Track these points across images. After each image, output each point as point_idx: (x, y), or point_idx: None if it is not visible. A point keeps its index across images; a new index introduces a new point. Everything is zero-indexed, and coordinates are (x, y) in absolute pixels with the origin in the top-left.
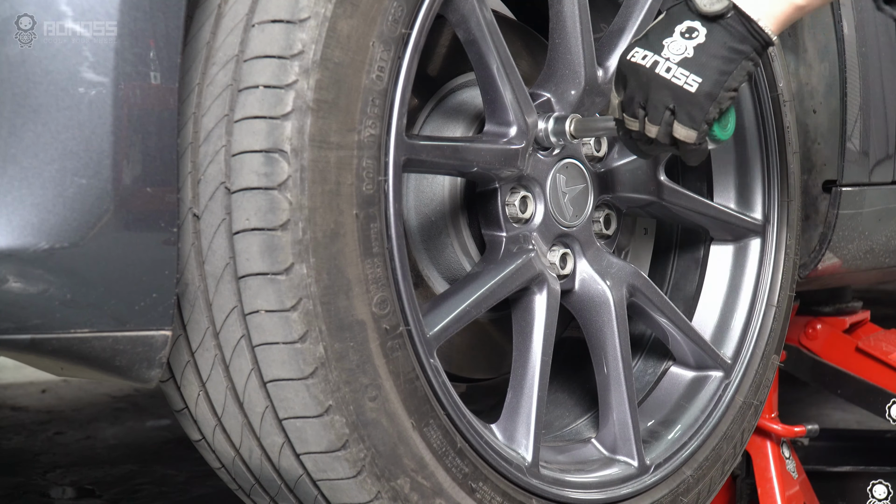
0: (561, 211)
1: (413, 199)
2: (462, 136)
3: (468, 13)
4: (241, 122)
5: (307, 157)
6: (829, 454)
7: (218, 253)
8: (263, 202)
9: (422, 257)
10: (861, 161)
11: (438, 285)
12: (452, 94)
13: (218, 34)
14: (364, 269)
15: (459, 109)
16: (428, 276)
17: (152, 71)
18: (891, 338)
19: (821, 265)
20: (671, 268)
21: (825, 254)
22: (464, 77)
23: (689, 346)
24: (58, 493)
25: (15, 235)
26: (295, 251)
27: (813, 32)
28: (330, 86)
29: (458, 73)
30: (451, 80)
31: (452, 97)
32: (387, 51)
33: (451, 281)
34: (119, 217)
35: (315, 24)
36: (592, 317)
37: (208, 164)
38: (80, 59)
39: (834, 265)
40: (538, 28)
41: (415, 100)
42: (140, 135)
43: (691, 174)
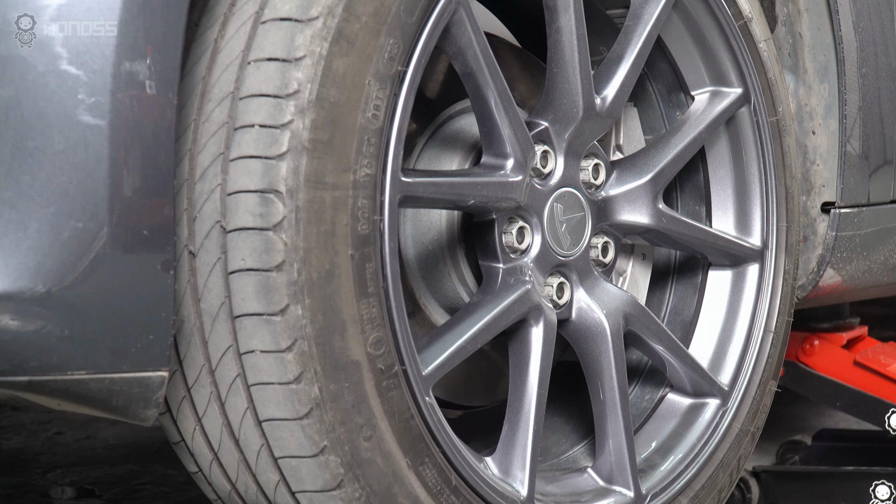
0: (558, 240)
1: (410, 228)
2: (459, 168)
3: (465, 46)
4: (237, 161)
5: (302, 197)
6: (831, 455)
7: (214, 291)
8: (259, 243)
9: (419, 286)
10: (860, 182)
11: (436, 313)
12: (450, 121)
13: (214, 70)
14: (359, 310)
15: (457, 137)
16: (425, 304)
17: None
18: (889, 350)
19: (819, 286)
20: (669, 292)
21: (823, 275)
22: (461, 103)
23: (686, 373)
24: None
25: (12, 278)
26: (290, 292)
27: (813, 53)
28: (325, 125)
29: (455, 99)
30: (449, 107)
31: (450, 124)
32: (382, 89)
33: (449, 309)
34: (115, 260)
35: (311, 63)
36: (589, 346)
37: (204, 202)
38: (76, 101)
39: (832, 285)
40: (541, 48)
41: (413, 125)
42: (136, 177)
43: (690, 198)
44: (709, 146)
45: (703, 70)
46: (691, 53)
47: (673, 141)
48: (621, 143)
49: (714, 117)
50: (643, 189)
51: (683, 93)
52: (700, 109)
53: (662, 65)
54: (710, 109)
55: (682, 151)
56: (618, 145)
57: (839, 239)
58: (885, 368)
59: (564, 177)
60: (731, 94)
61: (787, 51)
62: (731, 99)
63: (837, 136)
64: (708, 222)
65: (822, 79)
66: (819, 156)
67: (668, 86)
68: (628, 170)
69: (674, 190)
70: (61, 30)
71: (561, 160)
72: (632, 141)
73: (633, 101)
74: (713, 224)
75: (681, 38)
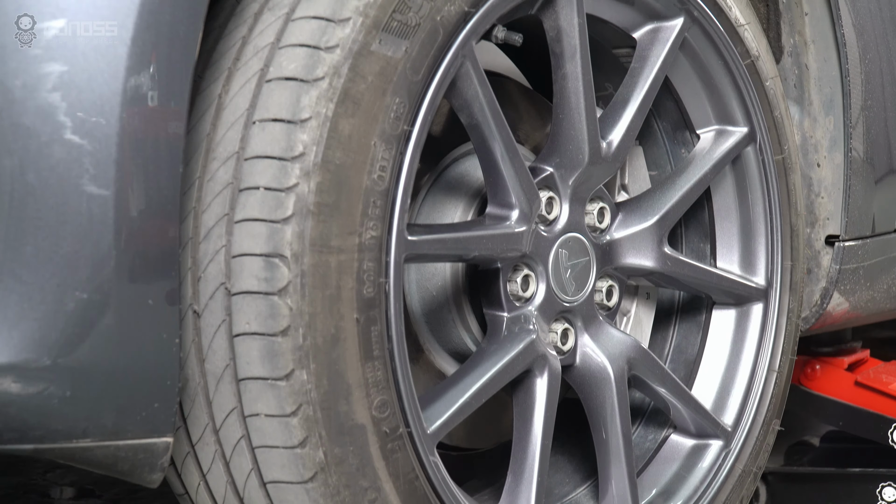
0: (563, 287)
1: (414, 274)
2: (462, 216)
3: (471, 99)
4: (242, 223)
5: (308, 262)
6: (837, 456)
7: (218, 353)
8: (264, 307)
9: (422, 330)
10: (865, 215)
11: (439, 358)
12: (454, 164)
13: (218, 127)
14: (364, 373)
15: (461, 181)
16: (429, 349)
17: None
18: (890, 369)
19: (822, 318)
20: (673, 330)
21: (827, 307)
22: (465, 146)
23: (690, 415)
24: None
25: (17, 349)
26: (295, 357)
27: (819, 85)
28: (331, 188)
29: (459, 142)
30: (453, 151)
31: (454, 167)
32: (388, 149)
33: (453, 353)
34: (120, 331)
35: (316, 125)
36: (593, 391)
37: (208, 263)
38: (81, 171)
39: (836, 316)
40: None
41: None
42: (141, 249)
43: (694, 235)
44: (714, 184)
45: (708, 109)
46: (697, 92)
47: (678, 182)
48: (626, 182)
49: (719, 158)
50: (648, 232)
51: (689, 131)
52: (705, 149)
53: (668, 103)
54: (716, 149)
55: (687, 193)
56: (623, 185)
57: (843, 272)
58: (887, 387)
59: (569, 222)
60: (736, 133)
61: (793, 82)
62: (737, 138)
63: (843, 169)
64: (712, 260)
65: (827, 111)
66: (824, 188)
67: (673, 123)
68: (633, 212)
69: (679, 227)
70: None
71: (566, 206)
72: (637, 180)
73: (639, 139)
74: (718, 262)
75: (687, 77)
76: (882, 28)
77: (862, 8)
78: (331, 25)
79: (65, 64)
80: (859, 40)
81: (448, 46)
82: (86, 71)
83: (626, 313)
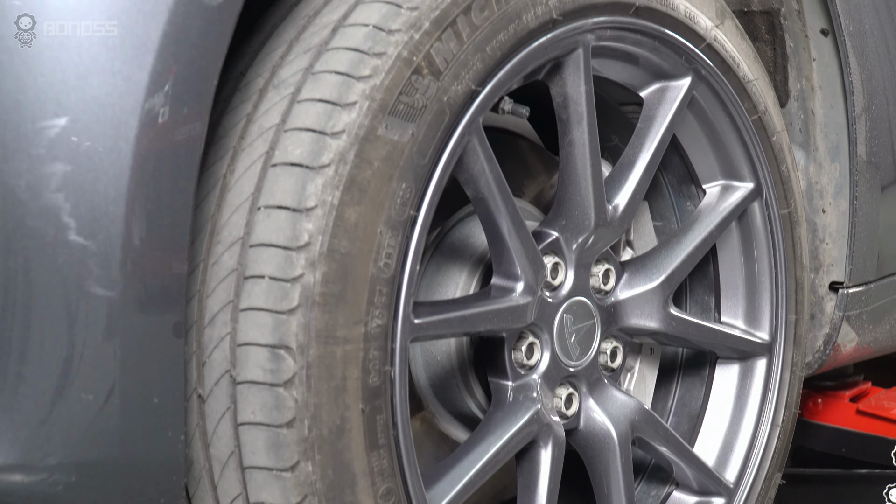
0: (567, 352)
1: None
2: (465, 286)
3: (478, 174)
4: (247, 311)
5: (313, 353)
6: (845, 457)
7: (223, 440)
8: (269, 399)
9: (426, 394)
10: (869, 260)
11: (443, 420)
12: (458, 225)
13: (223, 209)
14: (370, 462)
15: (464, 244)
16: (433, 412)
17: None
18: (892, 395)
19: (826, 363)
20: (676, 383)
21: (830, 353)
22: (468, 207)
23: (692, 473)
24: None
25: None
26: (300, 449)
27: (825, 132)
28: (337, 278)
29: (461, 204)
30: (456, 213)
31: (457, 229)
32: (395, 236)
33: (455, 413)
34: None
35: (322, 214)
36: (596, 455)
37: (213, 349)
38: (86, 271)
39: (839, 359)
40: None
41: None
42: (146, 354)
43: (699, 287)
44: (720, 237)
45: (714, 164)
46: (703, 148)
47: (684, 241)
48: (632, 238)
49: (725, 215)
50: (653, 293)
51: (694, 185)
52: (711, 204)
53: (673, 157)
54: (721, 205)
55: (692, 252)
56: (628, 241)
57: (847, 318)
58: (889, 412)
59: (574, 287)
60: (742, 189)
61: (798, 126)
62: (743, 193)
63: (848, 216)
64: (717, 313)
65: (833, 158)
66: (828, 234)
67: (678, 177)
68: (639, 272)
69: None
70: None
71: (571, 272)
72: (642, 236)
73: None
74: (722, 316)
75: (693, 133)
76: (891, 73)
77: (871, 54)
78: (337, 109)
79: (68, 164)
80: (866, 87)
81: (455, 126)
82: (90, 171)
83: (630, 369)
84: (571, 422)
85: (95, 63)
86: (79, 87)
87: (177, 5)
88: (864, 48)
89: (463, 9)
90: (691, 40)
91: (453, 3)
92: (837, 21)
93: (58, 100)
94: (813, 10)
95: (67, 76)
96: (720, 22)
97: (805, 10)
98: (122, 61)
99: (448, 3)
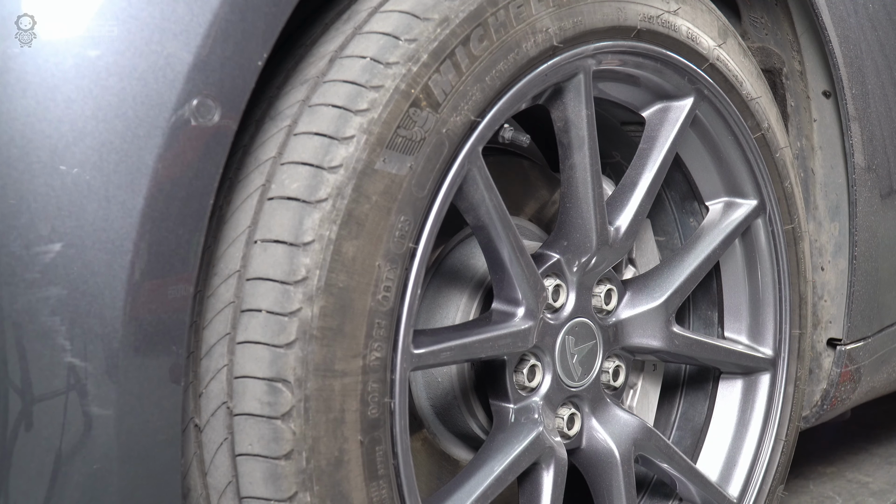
0: (569, 373)
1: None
2: (466, 309)
3: (478, 203)
4: (244, 344)
5: (311, 386)
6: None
7: (220, 469)
8: (266, 431)
9: (427, 414)
10: (867, 318)
11: (444, 439)
12: (458, 246)
13: (220, 241)
14: (369, 493)
15: (465, 267)
16: (433, 432)
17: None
18: None
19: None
20: (679, 398)
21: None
22: (469, 229)
23: (695, 489)
24: None
25: None
26: (298, 480)
27: (825, 191)
28: (335, 312)
29: (459, 227)
30: (456, 235)
31: (457, 250)
32: (393, 269)
33: (456, 433)
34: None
35: (319, 248)
36: (599, 474)
37: (210, 380)
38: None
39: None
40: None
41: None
42: (144, 481)
43: (703, 302)
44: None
45: (718, 181)
46: (706, 166)
47: (687, 260)
48: (634, 256)
49: (728, 233)
50: (656, 312)
51: (697, 202)
52: (714, 221)
53: (676, 174)
54: (725, 222)
55: (695, 271)
56: (630, 258)
57: (844, 373)
58: None
59: (576, 308)
60: (745, 206)
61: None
62: (747, 210)
63: (846, 275)
64: (720, 328)
65: (832, 217)
66: (827, 292)
67: (681, 194)
68: (641, 291)
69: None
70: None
71: (573, 293)
72: (645, 253)
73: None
74: (725, 331)
75: (696, 151)
76: (892, 132)
77: (872, 114)
78: (334, 143)
79: (64, 288)
80: (867, 148)
81: (454, 158)
82: (86, 295)
83: (633, 386)
84: (574, 441)
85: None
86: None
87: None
88: (867, 109)
89: (462, 40)
90: (694, 61)
91: (452, 34)
92: (840, 84)
93: (53, 226)
94: (816, 72)
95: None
96: (722, 41)
97: (808, 72)
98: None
99: (446, 35)
